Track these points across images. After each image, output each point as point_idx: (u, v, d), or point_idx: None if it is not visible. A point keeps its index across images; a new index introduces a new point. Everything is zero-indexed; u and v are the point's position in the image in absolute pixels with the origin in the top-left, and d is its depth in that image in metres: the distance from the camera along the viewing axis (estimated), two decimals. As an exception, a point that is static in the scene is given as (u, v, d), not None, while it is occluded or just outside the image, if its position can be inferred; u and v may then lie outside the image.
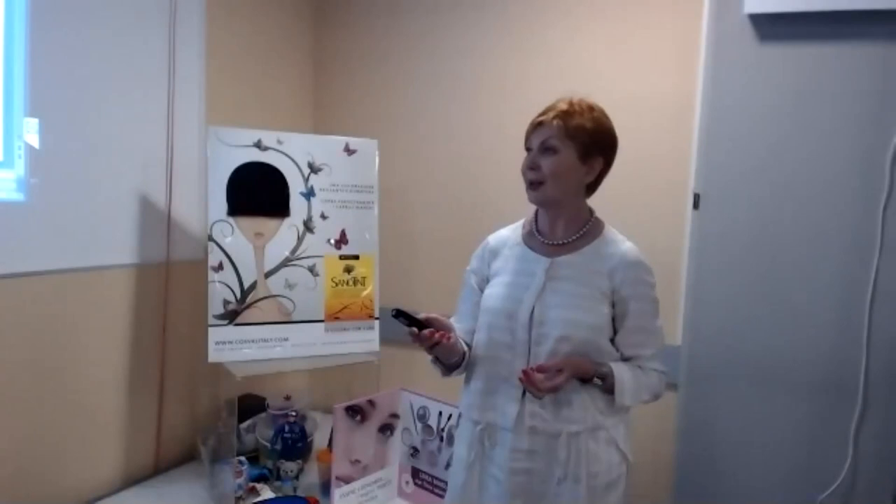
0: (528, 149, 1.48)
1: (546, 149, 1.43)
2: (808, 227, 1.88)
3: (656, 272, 2.19)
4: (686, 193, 2.08)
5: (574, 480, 1.41)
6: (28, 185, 1.80)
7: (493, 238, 1.60)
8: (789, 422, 1.92)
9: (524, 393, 1.41)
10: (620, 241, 1.52)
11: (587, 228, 1.50)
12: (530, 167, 1.45)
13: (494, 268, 1.55)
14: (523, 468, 1.43)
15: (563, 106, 1.45)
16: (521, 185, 1.58)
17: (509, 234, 1.58)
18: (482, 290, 1.56)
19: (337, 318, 2.19)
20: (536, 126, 1.46)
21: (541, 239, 1.52)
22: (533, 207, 1.54)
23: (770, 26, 1.87)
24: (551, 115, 1.44)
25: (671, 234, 2.13)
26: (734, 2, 1.89)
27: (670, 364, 2.08)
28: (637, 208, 2.18)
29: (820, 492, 1.87)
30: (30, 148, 1.79)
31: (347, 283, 2.22)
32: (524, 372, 1.35)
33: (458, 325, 1.58)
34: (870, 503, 1.85)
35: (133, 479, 2.10)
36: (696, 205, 2.01)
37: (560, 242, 1.49)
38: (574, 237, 1.49)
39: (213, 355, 2.01)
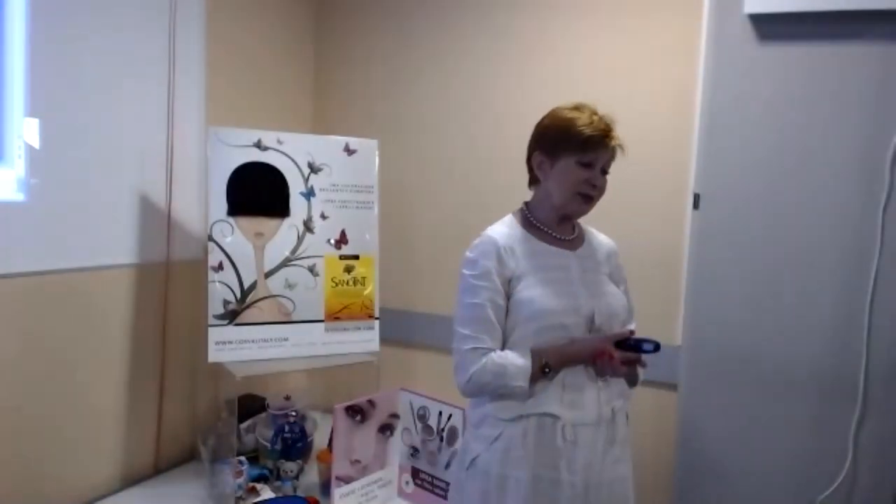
0: (587, 164, 1.43)
1: (605, 171, 1.48)
2: (808, 227, 1.88)
3: (656, 272, 2.21)
4: (686, 193, 2.08)
5: (623, 459, 1.47)
6: (28, 185, 1.80)
7: (499, 236, 1.47)
8: (789, 422, 1.92)
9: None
10: (596, 232, 1.64)
11: (577, 223, 1.59)
12: (594, 185, 1.45)
13: (516, 268, 1.44)
14: (615, 472, 1.45)
15: (614, 129, 1.47)
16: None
17: (509, 230, 1.50)
18: (507, 294, 1.43)
19: (337, 318, 2.19)
20: (605, 147, 1.44)
21: (552, 234, 1.51)
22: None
23: (770, 26, 1.87)
24: (615, 140, 1.45)
25: (671, 234, 2.13)
26: (734, 2, 1.89)
27: (670, 364, 2.10)
28: (637, 208, 2.19)
29: (820, 492, 1.87)
30: (30, 148, 1.79)
31: (347, 283, 2.22)
32: (609, 354, 1.38)
33: (492, 339, 1.41)
34: (870, 503, 1.84)
35: (133, 479, 2.10)
36: (696, 205, 2.01)
37: (571, 238, 1.54)
38: (576, 232, 1.56)
39: (213, 355, 2.01)
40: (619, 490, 1.46)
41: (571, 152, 1.43)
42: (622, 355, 1.39)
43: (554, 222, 1.52)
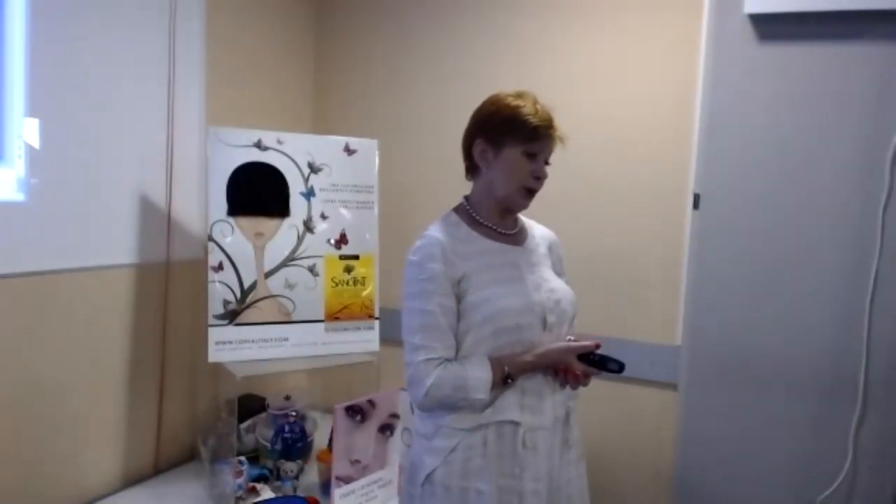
0: (532, 155, 1.39)
1: (547, 162, 1.44)
2: (808, 227, 1.88)
3: (656, 272, 2.21)
4: (686, 193, 2.08)
5: (581, 457, 1.47)
6: (28, 185, 1.80)
7: (443, 235, 1.39)
8: (789, 422, 1.92)
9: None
10: (535, 223, 1.59)
11: (518, 215, 1.54)
12: (539, 178, 1.41)
13: (464, 268, 1.36)
14: (570, 473, 1.44)
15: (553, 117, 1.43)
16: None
17: (453, 229, 1.42)
18: (458, 297, 1.36)
19: (337, 318, 2.19)
20: (550, 138, 1.40)
21: (497, 229, 1.45)
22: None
23: (770, 26, 1.87)
24: (558, 130, 1.42)
25: (671, 234, 2.13)
26: (734, 2, 1.89)
27: (670, 364, 2.10)
28: (637, 208, 2.19)
29: (820, 492, 1.87)
30: (30, 148, 1.79)
31: (347, 283, 2.22)
32: (572, 371, 1.37)
33: (445, 347, 1.33)
34: (870, 503, 1.85)
35: (133, 479, 2.10)
36: (696, 205, 2.01)
37: (514, 232, 1.49)
38: (518, 225, 1.51)
39: (213, 355, 2.01)
40: (577, 491, 1.45)
41: (518, 142, 1.38)
42: (584, 370, 1.36)
43: (497, 217, 1.46)
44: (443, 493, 1.35)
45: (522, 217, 1.56)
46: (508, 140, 1.39)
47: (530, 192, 1.42)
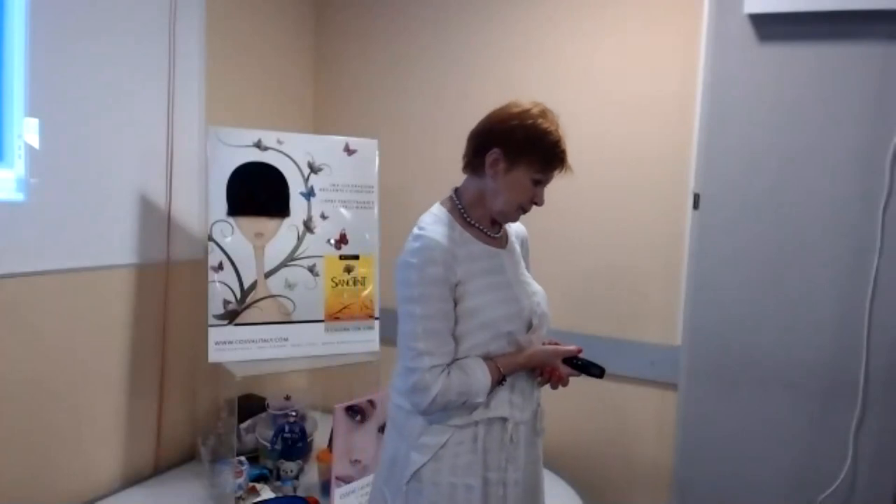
0: (538, 181, 1.39)
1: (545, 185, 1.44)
2: (808, 226, 1.88)
3: (656, 272, 2.21)
4: (686, 193, 2.08)
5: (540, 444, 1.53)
6: (28, 185, 1.80)
7: (441, 237, 1.36)
8: (789, 422, 1.92)
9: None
10: None
11: None
12: (536, 203, 1.42)
13: (460, 273, 1.36)
14: (536, 456, 1.49)
15: None
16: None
17: (447, 230, 1.40)
18: (454, 301, 1.35)
19: (337, 318, 2.19)
20: (562, 169, 1.40)
21: (487, 232, 1.45)
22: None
23: (770, 26, 1.87)
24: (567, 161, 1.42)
25: (671, 234, 2.13)
26: (734, 2, 1.89)
27: (670, 364, 2.10)
28: (637, 208, 2.19)
29: (820, 492, 1.87)
30: (30, 148, 1.79)
31: (347, 283, 2.22)
32: (558, 373, 1.43)
33: (448, 353, 1.34)
34: (870, 503, 1.84)
35: (133, 480, 2.10)
36: (696, 205, 2.01)
37: (499, 235, 1.49)
38: (502, 228, 1.51)
39: (213, 355, 2.01)
40: (537, 473, 1.51)
41: (533, 168, 1.37)
42: (569, 372, 1.43)
43: (487, 221, 1.45)
44: (431, 489, 1.35)
45: None
46: (524, 161, 1.37)
47: (523, 212, 1.44)
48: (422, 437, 1.37)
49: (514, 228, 1.56)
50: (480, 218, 1.44)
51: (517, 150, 1.37)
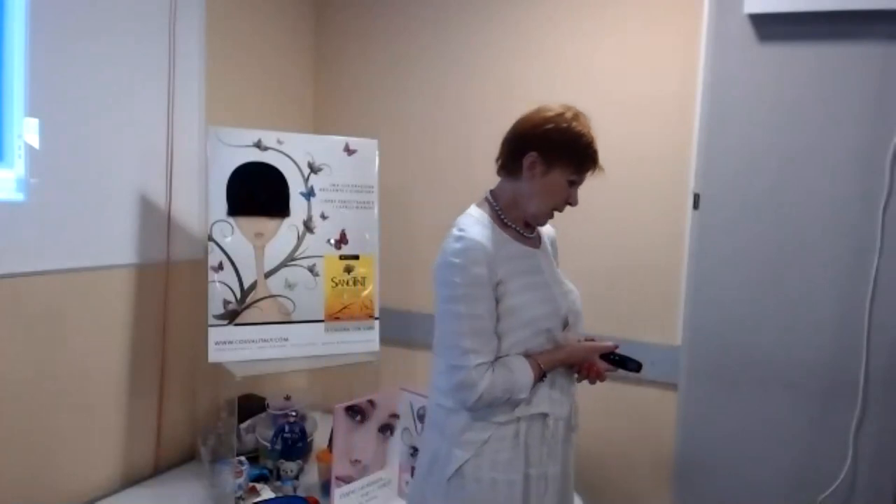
0: (573, 182, 1.42)
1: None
2: (807, 226, 1.88)
3: (656, 272, 2.21)
4: (686, 193, 2.08)
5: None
6: (28, 185, 1.80)
7: (483, 238, 1.39)
8: (789, 422, 1.92)
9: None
10: None
11: None
12: (571, 204, 1.45)
13: (502, 273, 1.39)
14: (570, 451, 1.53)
15: None
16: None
17: (487, 231, 1.42)
18: (496, 300, 1.39)
19: (337, 318, 2.19)
20: (595, 170, 1.43)
21: (523, 233, 1.49)
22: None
23: (770, 26, 1.87)
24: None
25: (671, 234, 2.13)
26: (734, 2, 1.89)
27: (670, 364, 2.10)
28: (637, 208, 2.19)
29: (820, 492, 1.87)
30: (30, 148, 1.79)
31: (347, 283, 2.22)
32: (596, 369, 1.46)
33: (492, 350, 1.37)
34: (870, 503, 1.85)
35: (133, 480, 2.10)
36: (696, 205, 2.01)
37: (534, 235, 1.53)
38: (536, 229, 1.54)
39: (213, 355, 2.01)
40: (570, 468, 1.55)
41: (569, 169, 1.40)
42: (607, 368, 1.47)
43: (522, 222, 1.49)
44: (473, 486, 1.38)
45: None
46: (561, 164, 1.40)
47: (554, 214, 1.48)
48: (465, 434, 1.40)
49: (544, 229, 1.59)
50: (516, 219, 1.48)
51: (553, 153, 1.40)
